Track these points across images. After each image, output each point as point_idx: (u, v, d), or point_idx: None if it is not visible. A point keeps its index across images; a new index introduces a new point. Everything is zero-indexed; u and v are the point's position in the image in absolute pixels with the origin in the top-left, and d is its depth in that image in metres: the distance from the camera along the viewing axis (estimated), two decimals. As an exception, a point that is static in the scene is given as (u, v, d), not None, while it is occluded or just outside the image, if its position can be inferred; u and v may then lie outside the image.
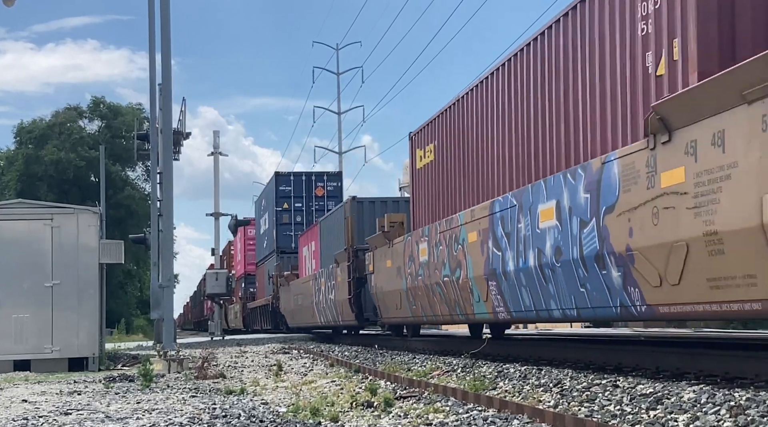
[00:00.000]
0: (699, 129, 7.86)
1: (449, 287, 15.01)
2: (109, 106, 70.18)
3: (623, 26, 9.90)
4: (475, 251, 13.63)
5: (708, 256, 7.81)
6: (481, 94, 14.30)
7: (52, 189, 63.58)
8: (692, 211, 7.97)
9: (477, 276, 13.61)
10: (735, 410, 6.55)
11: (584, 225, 10.10)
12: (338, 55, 57.04)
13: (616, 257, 9.44)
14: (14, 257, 18.34)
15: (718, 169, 7.63)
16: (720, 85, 7.51)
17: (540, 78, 12.07)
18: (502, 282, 12.70)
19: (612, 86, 10.15)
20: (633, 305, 9.32)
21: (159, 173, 22.68)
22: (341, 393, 10.44)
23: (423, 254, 16.39)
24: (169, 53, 21.04)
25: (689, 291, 8.21)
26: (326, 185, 37.02)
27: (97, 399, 11.09)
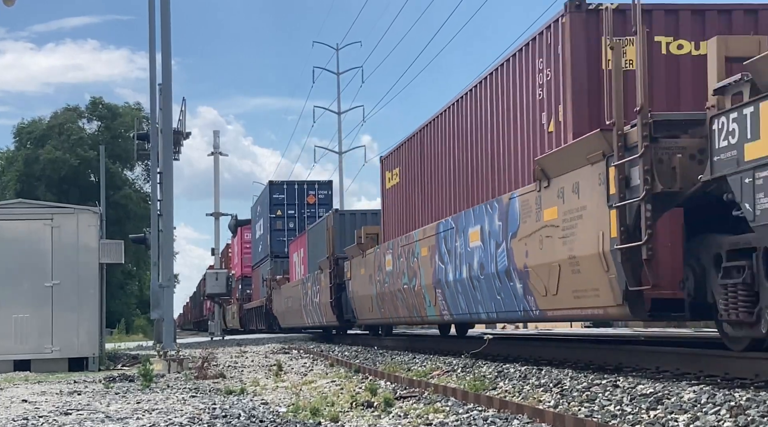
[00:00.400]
0: (565, 179, 10.40)
1: (408, 293, 17.42)
2: (107, 106, 70.16)
3: (527, 91, 12.33)
4: (426, 264, 16.10)
5: (571, 274, 10.34)
6: (434, 130, 16.80)
7: (51, 189, 63.53)
8: (561, 240, 10.49)
9: (427, 284, 16.03)
10: (735, 410, 6.55)
11: (498, 246, 12.59)
12: (338, 55, 57.00)
13: (519, 273, 11.89)
14: (14, 257, 18.34)
15: (576, 210, 10.15)
16: (574, 149, 10.07)
17: (470, 125, 14.66)
18: (445, 290, 15.16)
19: (519, 137, 12.62)
20: (531, 309, 11.83)
21: (159, 173, 22.68)
22: (341, 393, 10.44)
23: (388, 264, 18.73)
24: (169, 53, 21.06)
25: (563, 299, 10.81)
26: (317, 193, 39.07)
27: (97, 399, 11.09)
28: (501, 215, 12.45)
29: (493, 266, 12.75)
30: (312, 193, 39.18)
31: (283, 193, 39.14)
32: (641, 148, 8.73)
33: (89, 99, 71.41)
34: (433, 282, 15.69)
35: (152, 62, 23.42)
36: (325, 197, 38.98)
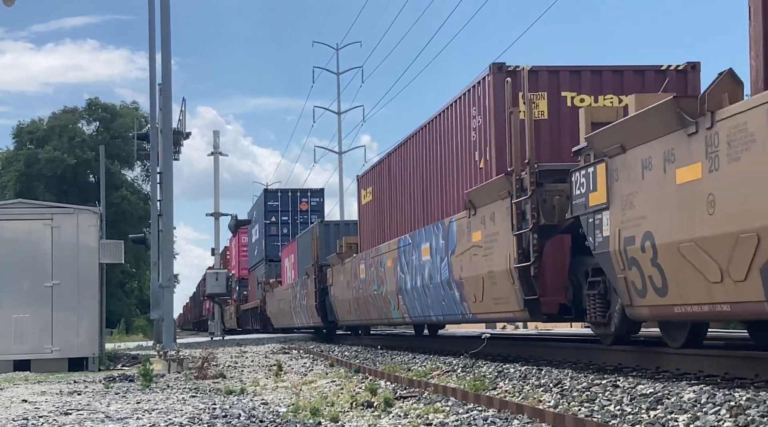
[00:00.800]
0: (486, 209, 13.00)
1: (377, 299, 19.84)
2: (104, 106, 70.12)
3: (463, 133, 14.75)
4: (390, 273, 18.65)
5: (491, 285, 12.94)
6: (398, 157, 19.31)
7: (51, 189, 63.53)
8: (484, 258, 13.07)
9: (392, 291, 18.59)
10: (735, 410, 6.55)
11: (442, 260, 15.11)
12: (338, 55, 57.01)
13: (457, 283, 14.40)
14: (14, 257, 18.34)
15: (493, 235, 12.73)
16: (490, 187, 12.76)
17: (424, 157, 17.26)
18: (405, 296, 17.72)
19: (457, 171, 15.11)
20: (466, 313, 14.48)
21: (159, 173, 22.68)
22: (341, 393, 10.45)
23: (362, 272, 21.18)
24: (169, 53, 21.06)
25: (487, 305, 13.33)
26: (310, 201, 41.44)
27: (97, 399, 11.10)
28: (444, 234, 15.10)
29: (439, 276, 15.35)
30: (305, 200, 41.38)
31: (278, 201, 41.37)
32: (530, 191, 11.46)
33: (86, 100, 71.46)
34: (396, 289, 18.27)
35: (152, 62, 23.41)
36: (317, 204, 41.09)
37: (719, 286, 7.94)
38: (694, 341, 9.73)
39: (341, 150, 56.52)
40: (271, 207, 41.79)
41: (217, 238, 50.17)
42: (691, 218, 8.20)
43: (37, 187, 63.57)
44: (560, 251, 12.33)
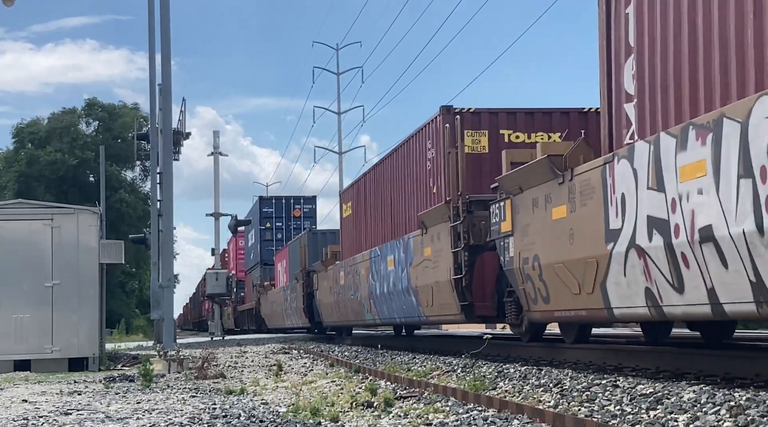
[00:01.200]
0: (434, 229, 15.76)
1: (354, 302, 22.65)
2: (104, 107, 70.10)
3: (421, 161, 17.17)
4: (363, 280, 21.36)
5: (438, 292, 15.66)
6: (371, 178, 21.90)
7: (50, 190, 63.53)
8: (432, 270, 15.85)
9: (365, 296, 21.23)
10: (735, 410, 6.56)
11: (403, 271, 17.91)
12: (338, 55, 57.01)
13: (414, 290, 17.28)
14: (14, 257, 18.34)
15: (439, 251, 15.39)
16: (436, 211, 15.48)
17: (391, 179, 19.87)
18: (375, 300, 20.38)
19: (416, 195, 17.64)
20: (421, 315, 17.39)
21: (159, 173, 22.66)
22: (341, 393, 10.45)
23: (342, 279, 23.98)
24: (169, 53, 21.05)
25: (436, 309, 16.18)
26: (302, 207, 43.83)
27: (97, 399, 11.10)
28: (404, 248, 17.89)
29: (400, 284, 18.15)
30: (298, 207, 43.78)
31: (272, 207, 43.79)
32: (462, 217, 14.36)
33: (85, 100, 71.43)
34: (368, 294, 20.89)
35: (152, 62, 23.39)
36: (309, 211, 43.39)
37: (579, 296, 10.61)
38: (582, 338, 12.57)
39: (341, 150, 56.52)
40: (266, 213, 43.98)
41: (217, 238, 50.32)
42: (560, 245, 10.85)
43: (36, 188, 63.56)
44: (489, 266, 14.78)
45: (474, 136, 15.73)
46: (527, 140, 15.47)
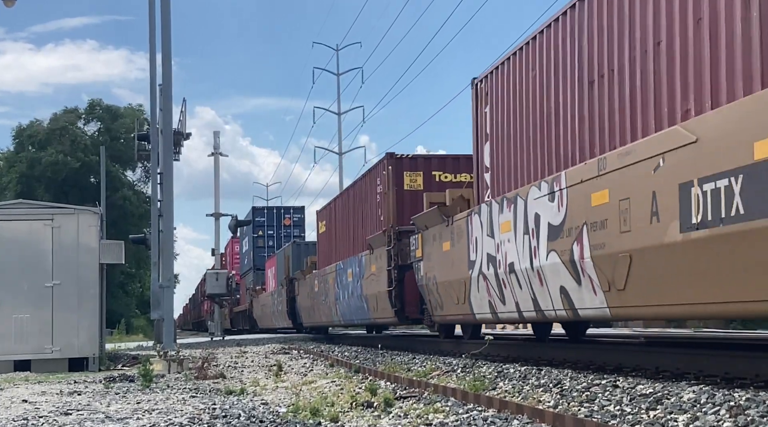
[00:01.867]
0: (378, 251, 19.93)
1: (325, 307, 27.03)
2: (106, 107, 70.12)
3: (372, 196, 21.37)
4: (331, 288, 25.75)
5: (381, 300, 19.85)
6: (338, 202, 26.52)
7: (51, 190, 63.54)
8: (376, 282, 20.10)
9: (332, 302, 25.71)
10: (735, 410, 6.56)
11: (357, 282, 22.16)
12: (338, 55, 57.06)
13: (365, 298, 21.52)
14: (15, 257, 18.34)
15: (381, 268, 19.49)
16: (378, 237, 19.73)
17: (349, 207, 24.45)
18: (339, 305, 24.83)
19: (367, 222, 21.88)
20: (371, 318, 21.78)
21: (159, 174, 22.66)
22: (341, 393, 10.45)
23: (316, 286, 28.33)
24: (169, 53, 21.05)
25: (379, 312, 20.41)
26: (292, 217, 47.41)
27: (97, 399, 11.10)
28: (359, 264, 22.13)
29: (356, 293, 22.35)
30: (288, 216, 47.36)
31: (264, 217, 47.17)
32: (392, 244, 18.91)
33: (87, 101, 71.49)
34: (334, 300, 25.31)
35: (152, 63, 23.39)
36: (299, 220, 46.90)
37: (458, 305, 15.01)
38: (475, 335, 17.10)
39: (341, 150, 56.51)
40: (258, 222, 47.18)
41: (218, 238, 50.62)
42: (447, 269, 15.42)
43: (37, 189, 63.58)
44: (412, 281, 18.19)
45: (412, 176, 19.85)
46: (453, 180, 19.42)
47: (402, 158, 19.82)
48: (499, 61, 13.89)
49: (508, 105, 13.33)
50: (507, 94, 13.44)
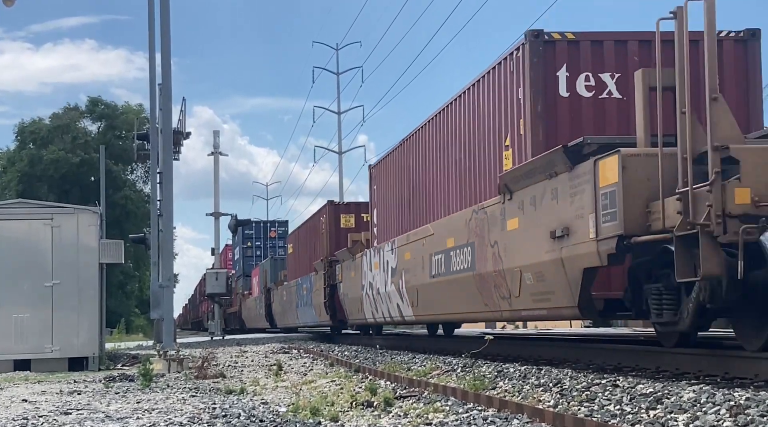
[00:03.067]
0: (319, 273, 26.46)
1: (290, 312, 33.75)
2: (107, 106, 70.09)
3: (318, 231, 27.36)
4: (294, 298, 32.11)
5: (321, 308, 26.45)
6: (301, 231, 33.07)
7: (53, 189, 63.52)
8: (318, 295, 26.60)
9: (295, 308, 32.25)
10: (735, 410, 6.55)
11: (309, 294, 28.29)
12: (338, 55, 57.00)
13: (314, 306, 27.57)
14: (14, 256, 18.33)
15: (320, 285, 26.40)
16: (320, 262, 26.50)
17: (305, 235, 30.98)
18: (300, 311, 31.12)
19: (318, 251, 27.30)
20: (319, 321, 28.12)
21: (159, 173, 22.66)
22: (341, 393, 10.44)
23: (285, 296, 35.30)
24: (168, 53, 21.06)
25: (322, 317, 26.73)
26: (277, 230, 53.37)
27: (97, 399, 11.10)
28: (310, 281, 28.28)
29: (309, 302, 28.53)
30: (273, 229, 53.30)
31: (252, 230, 52.95)
32: (326, 269, 25.19)
33: (88, 99, 71.44)
34: (296, 307, 31.91)
35: (152, 62, 23.40)
36: (283, 232, 51.88)
37: (359, 313, 21.51)
38: (378, 333, 24.93)
39: (341, 150, 56.51)
40: (247, 235, 53.29)
41: (217, 238, 50.83)
42: (353, 289, 22.15)
43: (39, 188, 63.55)
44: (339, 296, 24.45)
45: (347, 217, 26.26)
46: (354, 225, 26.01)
47: (339, 204, 27.54)
48: (380, 157, 21.44)
49: (382, 188, 20.68)
50: (381, 180, 20.70)
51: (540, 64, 11.77)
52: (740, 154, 8.05)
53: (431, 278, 15.52)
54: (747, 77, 11.86)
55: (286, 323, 35.76)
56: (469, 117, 14.20)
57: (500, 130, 12.87)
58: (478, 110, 13.81)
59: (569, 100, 11.80)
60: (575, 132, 11.14)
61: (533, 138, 11.65)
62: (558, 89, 11.81)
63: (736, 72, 11.83)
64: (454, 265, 14.35)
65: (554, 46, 11.92)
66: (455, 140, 14.92)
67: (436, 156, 16.12)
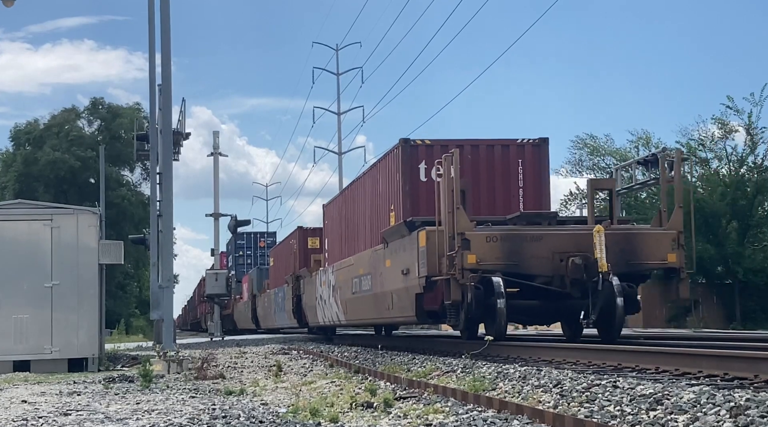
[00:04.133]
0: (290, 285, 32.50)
1: (271, 315, 38.64)
2: (107, 106, 70.08)
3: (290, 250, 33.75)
4: (273, 304, 37.64)
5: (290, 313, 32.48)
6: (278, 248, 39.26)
7: (50, 190, 63.47)
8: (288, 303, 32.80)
9: (272, 313, 37.74)
10: (735, 411, 6.55)
11: (283, 302, 34.18)
12: (338, 55, 57.00)
13: (286, 312, 33.21)
14: (14, 257, 18.33)
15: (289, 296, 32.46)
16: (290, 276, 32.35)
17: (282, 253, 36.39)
18: (276, 315, 36.55)
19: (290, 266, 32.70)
20: (290, 324, 34.18)
21: (158, 174, 22.63)
22: (341, 394, 10.44)
23: (266, 302, 40.39)
24: (169, 53, 21.00)
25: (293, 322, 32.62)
26: (266, 240, 58.18)
27: (97, 400, 11.09)
28: (284, 291, 33.53)
29: (283, 308, 33.57)
30: (263, 239, 58.52)
31: (244, 240, 58.41)
32: (293, 283, 31.32)
33: (89, 100, 71.41)
34: (273, 312, 37.35)
35: (152, 62, 23.36)
36: (271, 243, 56.10)
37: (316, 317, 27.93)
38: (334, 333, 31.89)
39: (341, 150, 56.52)
40: (239, 245, 58.69)
41: (217, 239, 51.01)
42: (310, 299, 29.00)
43: (37, 188, 63.51)
44: None
45: (313, 240, 30.63)
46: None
47: (307, 229, 31.96)
48: (330, 200, 27.13)
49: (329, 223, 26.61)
50: (329, 217, 26.56)
51: (408, 160, 17.96)
52: (471, 237, 14.49)
53: (352, 295, 21.99)
54: (540, 169, 18.18)
55: (267, 325, 42.07)
56: (373, 187, 20.61)
57: (388, 198, 19.14)
58: (376, 183, 20.22)
59: (426, 183, 17.71)
60: (430, 205, 16.35)
61: (403, 207, 17.83)
62: (419, 176, 17.98)
63: (532, 165, 18.06)
64: (363, 286, 20.83)
65: (417, 148, 18.04)
66: (366, 200, 21.35)
67: (357, 208, 22.41)
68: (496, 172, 17.94)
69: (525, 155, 18.01)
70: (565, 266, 14.37)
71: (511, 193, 17.85)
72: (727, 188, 41.41)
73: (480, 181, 17.61)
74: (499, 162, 17.94)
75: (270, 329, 42.94)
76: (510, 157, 17.98)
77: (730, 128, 42.11)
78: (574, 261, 14.28)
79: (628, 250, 14.58)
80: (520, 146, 18.12)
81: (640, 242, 14.73)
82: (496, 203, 17.72)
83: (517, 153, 18.05)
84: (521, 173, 17.96)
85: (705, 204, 40.35)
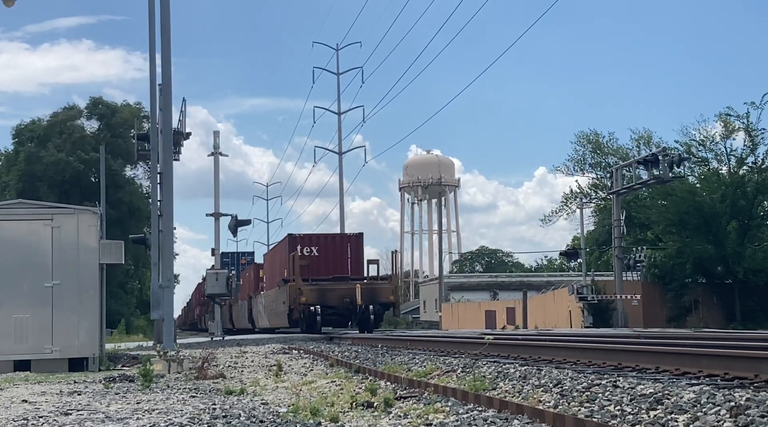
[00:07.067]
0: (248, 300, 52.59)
1: (264, 315, 44.31)
2: (108, 105, 70.12)
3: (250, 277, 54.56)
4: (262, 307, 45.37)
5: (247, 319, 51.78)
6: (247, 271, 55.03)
7: (53, 189, 63.54)
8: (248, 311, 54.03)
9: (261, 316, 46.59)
10: (735, 410, 6.55)
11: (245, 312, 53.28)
12: (338, 55, 57.12)
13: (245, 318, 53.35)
14: (14, 257, 18.33)
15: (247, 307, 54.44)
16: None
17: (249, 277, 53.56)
18: (261, 316, 46.19)
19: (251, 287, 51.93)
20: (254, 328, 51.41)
21: (159, 174, 22.64)
22: (341, 393, 10.44)
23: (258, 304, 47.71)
24: (169, 53, 21.03)
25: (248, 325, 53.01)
26: (247, 257, 65.60)
27: (97, 399, 11.09)
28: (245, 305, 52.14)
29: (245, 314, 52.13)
30: (244, 257, 65.74)
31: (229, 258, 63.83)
32: (249, 298, 50.04)
33: (89, 98, 71.49)
34: (240, 318, 53.18)
35: (152, 62, 23.37)
36: (249, 260, 64.09)
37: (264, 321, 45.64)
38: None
39: (341, 150, 56.54)
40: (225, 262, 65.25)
41: (217, 238, 50.87)
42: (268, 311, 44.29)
43: (39, 188, 63.57)
44: None
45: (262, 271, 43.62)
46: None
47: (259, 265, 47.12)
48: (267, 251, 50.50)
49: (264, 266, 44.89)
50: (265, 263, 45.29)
51: (291, 244, 35.41)
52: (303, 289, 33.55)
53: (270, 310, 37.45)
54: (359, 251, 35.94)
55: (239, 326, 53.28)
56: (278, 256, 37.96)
57: (281, 264, 36.74)
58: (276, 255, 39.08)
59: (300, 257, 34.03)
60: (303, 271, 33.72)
61: (288, 271, 34.26)
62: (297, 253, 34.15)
63: (356, 247, 35.91)
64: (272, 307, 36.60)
65: (296, 238, 35.97)
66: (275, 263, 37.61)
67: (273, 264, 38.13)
68: (336, 251, 35.28)
69: (351, 241, 36.03)
70: (346, 302, 32.70)
71: (343, 263, 35.10)
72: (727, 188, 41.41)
73: (327, 256, 35.08)
74: (338, 246, 35.68)
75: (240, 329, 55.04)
76: (343, 243, 35.92)
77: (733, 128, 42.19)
78: (347, 300, 32.65)
79: (372, 294, 33.02)
80: (349, 236, 36.59)
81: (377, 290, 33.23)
82: (335, 269, 34.59)
83: (347, 240, 36.17)
84: (349, 252, 35.47)
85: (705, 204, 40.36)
